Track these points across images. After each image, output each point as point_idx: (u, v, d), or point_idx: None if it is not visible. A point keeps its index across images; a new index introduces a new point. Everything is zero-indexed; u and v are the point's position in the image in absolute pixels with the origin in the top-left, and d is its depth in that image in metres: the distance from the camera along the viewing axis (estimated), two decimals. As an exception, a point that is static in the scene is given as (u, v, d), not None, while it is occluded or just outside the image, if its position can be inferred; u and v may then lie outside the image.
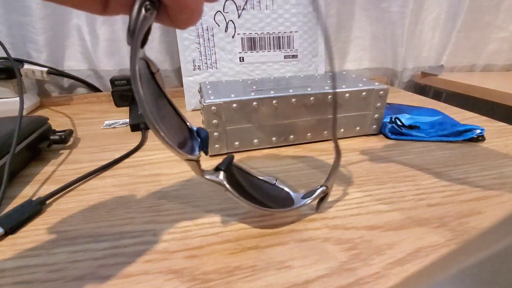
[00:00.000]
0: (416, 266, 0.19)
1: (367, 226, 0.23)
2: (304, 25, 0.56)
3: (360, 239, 0.22)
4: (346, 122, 0.39)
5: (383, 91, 0.38)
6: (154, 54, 0.62)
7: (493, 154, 0.34)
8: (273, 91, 0.36)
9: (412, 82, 0.77)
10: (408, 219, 0.24)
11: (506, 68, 0.81)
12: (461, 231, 0.22)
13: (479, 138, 0.38)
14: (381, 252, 0.20)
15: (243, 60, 0.55)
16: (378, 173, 0.30)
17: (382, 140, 0.39)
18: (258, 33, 0.54)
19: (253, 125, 0.35)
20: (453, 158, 0.34)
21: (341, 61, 0.73)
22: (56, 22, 0.56)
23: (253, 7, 0.53)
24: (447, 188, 0.28)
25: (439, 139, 0.38)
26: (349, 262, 0.20)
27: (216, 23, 0.51)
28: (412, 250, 0.21)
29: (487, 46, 0.77)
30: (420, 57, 0.76)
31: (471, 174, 0.30)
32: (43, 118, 0.38)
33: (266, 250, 0.21)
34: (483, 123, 0.43)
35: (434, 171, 0.31)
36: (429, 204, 0.26)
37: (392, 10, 0.67)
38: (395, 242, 0.21)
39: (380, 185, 0.28)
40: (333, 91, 0.18)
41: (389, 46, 0.71)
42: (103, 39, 0.59)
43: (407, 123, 0.41)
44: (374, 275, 0.19)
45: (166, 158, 0.35)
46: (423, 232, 0.22)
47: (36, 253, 0.21)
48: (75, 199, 0.27)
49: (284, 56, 0.57)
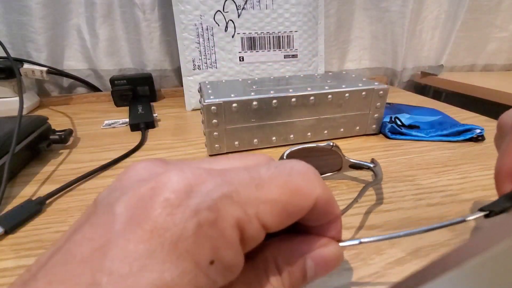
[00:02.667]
0: (416, 266, 0.19)
1: (367, 226, 0.23)
2: (304, 25, 0.56)
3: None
4: (346, 122, 0.39)
5: (383, 90, 0.38)
6: (154, 54, 0.62)
7: (493, 154, 0.34)
8: (273, 91, 0.36)
9: (412, 81, 0.77)
10: (408, 218, 0.24)
11: (506, 68, 0.81)
12: (461, 231, 0.22)
13: (479, 138, 0.38)
14: (381, 252, 0.20)
15: (243, 60, 0.55)
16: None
17: (382, 140, 0.39)
18: (258, 32, 0.54)
19: (253, 125, 0.35)
20: (452, 158, 0.34)
21: (341, 61, 0.73)
22: (56, 21, 0.55)
23: (253, 7, 0.52)
24: (447, 188, 0.28)
25: (439, 139, 0.38)
26: (349, 262, 0.20)
27: (216, 23, 0.51)
28: (412, 249, 0.21)
29: (487, 45, 0.77)
30: (420, 56, 0.76)
31: (471, 173, 0.30)
32: (43, 117, 0.38)
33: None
34: (483, 123, 0.43)
35: (434, 171, 0.31)
36: (429, 203, 0.26)
37: (392, 10, 0.67)
38: (395, 242, 0.21)
39: (380, 185, 0.28)
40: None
41: (389, 45, 0.71)
42: (103, 39, 0.59)
43: (407, 123, 0.41)
44: (374, 274, 0.19)
45: (166, 157, 0.35)
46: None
47: (36, 253, 0.21)
48: (75, 199, 0.27)
49: (284, 56, 0.57)
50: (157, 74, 0.64)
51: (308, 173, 0.12)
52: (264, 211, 0.11)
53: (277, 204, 0.11)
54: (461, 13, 0.71)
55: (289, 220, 0.12)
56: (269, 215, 0.11)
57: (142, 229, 0.10)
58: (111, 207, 0.10)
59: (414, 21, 0.70)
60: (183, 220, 0.10)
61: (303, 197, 0.12)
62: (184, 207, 0.10)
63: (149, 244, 0.09)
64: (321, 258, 0.13)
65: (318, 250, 0.13)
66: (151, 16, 0.58)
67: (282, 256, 0.13)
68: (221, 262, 0.10)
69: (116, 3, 0.57)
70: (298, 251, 0.13)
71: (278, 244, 0.13)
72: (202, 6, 0.50)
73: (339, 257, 0.14)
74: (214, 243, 0.10)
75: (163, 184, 0.10)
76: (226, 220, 0.10)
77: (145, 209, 0.10)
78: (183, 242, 0.10)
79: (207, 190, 0.10)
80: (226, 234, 0.10)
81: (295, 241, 0.13)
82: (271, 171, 0.12)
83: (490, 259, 0.07)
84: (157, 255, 0.09)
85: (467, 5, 0.70)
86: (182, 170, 0.11)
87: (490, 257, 0.07)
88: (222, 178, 0.11)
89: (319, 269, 0.13)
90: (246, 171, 0.12)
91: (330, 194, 0.13)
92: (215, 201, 0.10)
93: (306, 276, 0.13)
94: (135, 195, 0.10)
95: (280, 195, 0.11)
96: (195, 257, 0.10)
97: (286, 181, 0.11)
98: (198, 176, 0.11)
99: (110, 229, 0.10)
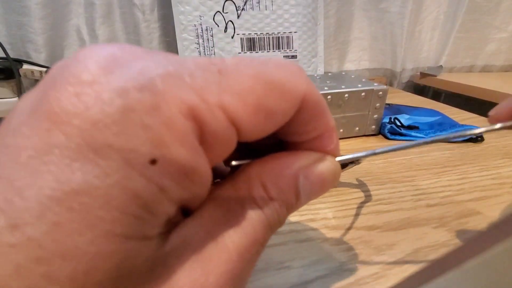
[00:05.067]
0: (415, 267, 0.19)
1: (367, 227, 0.23)
2: (303, 26, 0.56)
3: (359, 240, 0.22)
4: (345, 123, 0.39)
5: (382, 91, 0.38)
6: (153, 55, 0.62)
7: (492, 155, 0.34)
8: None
9: (411, 82, 0.77)
10: (407, 219, 0.24)
11: (505, 68, 0.81)
12: (460, 232, 0.22)
13: (478, 139, 0.38)
14: (380, 253, 0.20)
15: (242, 61, 0.55)
16: (377, 174, 0.30)
17: (381, 141, 0.39)
18: (258, 33, 0.54)
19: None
20: (452, 159, 0.34)
21: (340, 62, 0.73)
22: (55, 22, 0.55)
23: (253, 8, 0.53)
24: (446, 188, 0.28)
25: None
26: (348, 263, 0.20)
27: (215, 24, 0.51)
28: (411, 250, 0.21)
29: (486, 46, 0.78)
30: (419, 57, 0.76)
31: (470, 174, 0.30)
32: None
33: (265, 250, 0.21)
34: (482, 124, 0.43)
35: (433, 172, 0.31)
36: (428, 204, 0.26)
37: (391, 11, 0.67)
38: (394, 243, 0.21)
39: (379, 186, 0.28)
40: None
41: (388, 46, 0.71)
42: (103, 40, 0.59)
43: (406, 124, 0.41)
44: (374, 275, 0.19)
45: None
46: (422, 232, 0.22)
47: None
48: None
49: (284, 57, 0.57)
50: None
51: (290, 66, 0.10)
52: (231, 102, 0.08)
53: (248, 96, 0.09)
54: (460, 14, 0.71)
55: (270, 122, 0.09)
56: (239, 109, 0.08)
57: (38, 119, 0.07)
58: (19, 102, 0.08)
59: (413, 22, 0.70)
60: (99, 102, 0.07)
61: (285, 93, 0.09)
62: (100, 85, 0.07)
63: (47, 136, 0.07)
64: (317, 174, 0.11)
65: (313, 165, 0.11)
66: (151, 16, 0.58)
67: (269, 173, 0.11)
68: (168, 162, 0.08)
69: (115, 3, 0.57)
70: (289, 168, 0.11)
71: (264, 161, 0.11)
72: (201, 7, 0.50)
73: (336, 174, 0.12)
74: (155, 135, 0.07)
75: (77, 60, 0.08)
76: (172, 105, 0.08)
77: (45, 93, 0.08)
78: (101, 131, 0.07)
79: (142, 66, 0.08)
80: (173, 123, 0.08)
81: (284, 157, 0.11)
82: (240, 60, 0.09)
83: (490, 259, 0.07)
84: (62, 151, 0.07)
85: (466, 6, 0.70)
86: (113, 45, 0.08)
87: (490, 257, 0.07)
88: (169, 58, 0.08)
89: (314, 187, 0.11)
90: (206, 58, 0.09)
91: (320, 96, 0.10)
92: (153, 80, 0.08)
93: (299, 195, 0.11)
94: (44, 81, 0.08)
95: (252, 85, 0.09)
96: (124, 153, 0.07)
97: (260, 71, 0.09)
98: (132, 52, 0.08)
99: (7, 127, 0.08)
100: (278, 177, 0.11)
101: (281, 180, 0.11)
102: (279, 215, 0.11)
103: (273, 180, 0.10)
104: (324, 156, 0.11)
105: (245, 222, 0.10)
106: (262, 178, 0.10)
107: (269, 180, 0.10)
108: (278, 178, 0.11)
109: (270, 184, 0.10)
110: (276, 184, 0.10)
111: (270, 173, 0.11)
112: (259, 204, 0.10)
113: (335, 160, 0.12)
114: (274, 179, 0.11)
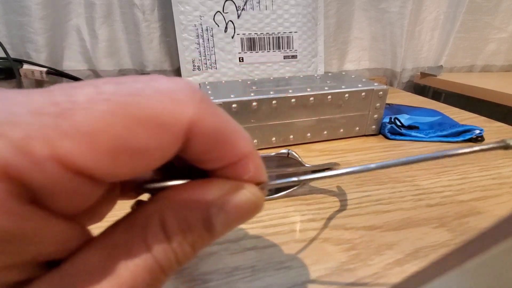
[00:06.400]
0: (415, 267, 0.19)
1: (367, 227, 0.23)
2: (303, 26, 0.56)
3: (359, 240, 0.22)
4: (346, 123, 0.39)
5: (382, 91, 0.38)
6: (153, 55, 0.62)
7: (492, 155, 0.34)
8: (272, 91, 0.36)
9: (411, 82, 0.77)
10: (408, 219, 0.24)
11: (504, 68, 0.81)
12: (460, 231, 0.22)
13: (478, 139, 0.38)
14: (380, 253, 0.20)
15: (242, 61, 0.55)
16: (377, 174, 0.30)
17: (382, 141, 0.39)
18: (258, 33, 0.54)
19: (252, 126, 0.35)
20: (452, 159, 0.34)
21: (340, 62, 0.73)
22: (55, 22, 0.55)
23: (253, 8, 0.53)
24: (446, 188, 0.28)
25: (438, 140, 0.38)
26: (348, 263, 0.20)
27: (215, 24, 0.51)
28: (412, 250, 0.21)
29: (486, 46, 0.78)
30: (419, 57, 0.76)
31: (470, 174, 0.30)
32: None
33: (266, 251, 0.21)
34: (482, 124, 0.43)
35: (433, 172, 0.31)
36: (428, 204, 0.26)
37: (391, 11, 0.67)
38: (395, 243, 0.21)
39: (379, 186, 0.28)
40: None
41: (388, 46, 0.71)
42: (103, 39, 0.59)
43: (406, 124, 0.41)
44: (374, 275, 0.19)
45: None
46: (423, 232, 0.22)
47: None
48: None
49: (284, 57, 0.57)
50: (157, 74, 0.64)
51: (172, 92, 0.08)
52: (70, 148, 0.07)
53: (99, 138, 0.07)
54: (460, 14, 0.71)
55: (141, 162, 0.08)
56: (84, 154, 0.07)
57: None
58: None
59: (413, 22, 0.70)
60: None
61: (160, 127, 0.08)
62: None
63: None
64: (232, 205, 0.10)
65: (228, 195, 0.10)
66: (151, 16, 0.58)
67: (173, 207, 0.10)
68: None
69: (115, 3, 0.57)
70: (198, 200, 0.10)
71: (173, 191, 0.10)
72: (201, 7, 0.50)
73: (256, 203, 0.11)
74: None
75: None
76: None
77: None
78: None
79: None
80: None
81: (196, 187, 0.10)
82: (100, 92, 0.08)
83: (490, 259, 0.07)
84: None
85: (466, 6, 0.70)
86: None
87: (490, 257, 0.07)
88: None
89: (231, 218, 0.10)
90: (51, 97, 0.07)
91: (220, 121, 0.09)
92: None
93: (213, 228, 0.10)
94: None
95: (107, 123, 0.07)
96: None
97: (126, 103, 0.08)
98: None
99: None
100: (184, 211, 0.10)
101: (187, 214, 0.10)
102: (176, 254, 0.09)
103: (177, 215, 0.10)
104: (242, 185, 0.10)
105: (124, 271, 0.09)
106: (164, 214, 0.09)
107: (172, 215, 0.09)
108: (184, 212, 0.10)
109: (171, 220, 0.09)
110: (181, 219, 0.09)
111: (175, 206, 0.10)
112: (150, 246, 0.09)
113: (254, 188, 0.11)
114: (178, 213, 0.10)
